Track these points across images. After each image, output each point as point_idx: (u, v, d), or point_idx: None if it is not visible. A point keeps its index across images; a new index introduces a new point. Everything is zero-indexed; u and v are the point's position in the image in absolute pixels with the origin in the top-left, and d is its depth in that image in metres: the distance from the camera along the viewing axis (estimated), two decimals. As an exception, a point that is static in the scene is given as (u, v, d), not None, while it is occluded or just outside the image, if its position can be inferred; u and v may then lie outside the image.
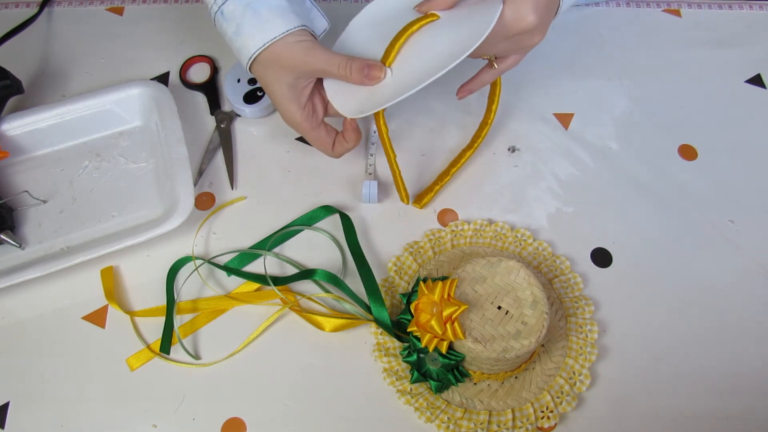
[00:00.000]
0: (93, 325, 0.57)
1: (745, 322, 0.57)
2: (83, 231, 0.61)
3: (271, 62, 0.52)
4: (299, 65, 0.52)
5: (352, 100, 0.54)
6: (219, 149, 0.66)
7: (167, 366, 0.55)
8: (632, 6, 0.77)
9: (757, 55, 0.73)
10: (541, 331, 0.49)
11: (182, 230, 0.59)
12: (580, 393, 0.53)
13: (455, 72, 0.50)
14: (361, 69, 0.51)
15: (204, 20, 0.75)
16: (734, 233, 0.62)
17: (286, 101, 0.54)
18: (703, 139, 0.67)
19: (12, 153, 0.63)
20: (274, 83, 0.53)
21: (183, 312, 0.57)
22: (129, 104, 0.65)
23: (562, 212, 0.63)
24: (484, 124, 0.64)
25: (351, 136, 0.56)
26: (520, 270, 0.51)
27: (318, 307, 0.58)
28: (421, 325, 0.49)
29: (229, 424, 0.53)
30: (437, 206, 0.63)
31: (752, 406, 0.54)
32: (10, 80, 0.62)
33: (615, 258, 0.60)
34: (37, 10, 0.75)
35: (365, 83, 0.52)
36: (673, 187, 0.64)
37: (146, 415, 0.53)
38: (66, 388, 0.54)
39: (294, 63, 0.51)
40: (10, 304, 0.57)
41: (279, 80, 0.53)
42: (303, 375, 0.55)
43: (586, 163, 0.65)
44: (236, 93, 0.67)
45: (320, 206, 0.62)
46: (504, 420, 0.52)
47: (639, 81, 0.71)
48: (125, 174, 0.64)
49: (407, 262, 0.59)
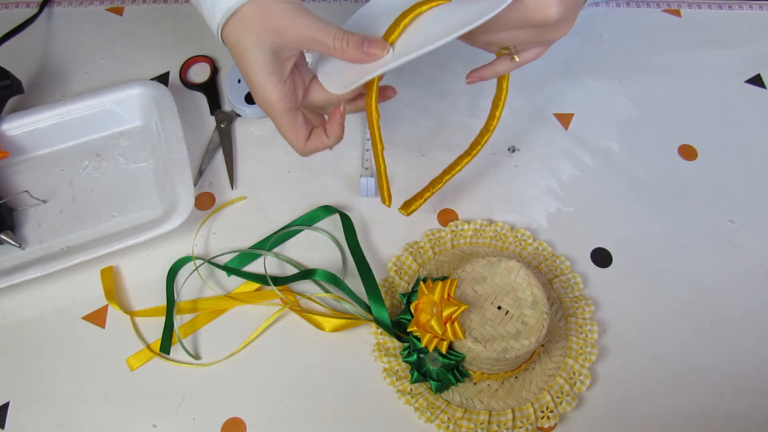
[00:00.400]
0: (93, 325, 0.57)
1: (745, 322, 0.57)
2: (83, 231, 0.61)
3: (255, 20, 0.43)
4: (288, 28, 0.43)
5: (342, 81, 0.47)
6: (219, 149, 0.66)
7: (167, 366, 0.55)
8: (632, 6, 0.77)
9: (757, 55, 0.73)
10: (541, 331, 0.49)
11: (182, 230, 0.59)
12: (580, 393, 0.53)
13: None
14: (359, 44, 0.44)
15: (204, 20, 0.75)
16: (734, 233, 0.62)
17: (265, 73, 0.45)
18: (703, 139, 0.67)
19: (12, 153, 0.63)
20: (253, 48, 0.44)
21: (183, 312, 0.57)
22: (129, 104, 0.65)
23: (562, 212, 0.63)
24: (486, 131, 0.58)
25: (335, 130, 0.48)
26: (520, 270, 0.51)
27: (318, 307, 0.58)
28: (421, 325, 0.49)
29: (229, 424, 0.53)
30: (437, 206, 0.63)
31: (752, 406, 0.54)
32: (10, 80, 0.62)
33: (615, 258, 0.60)
34: (37, 10, 0.75)
35: (363, 60, 0.45)
36: (673, 187, 0.64)
37: (146, 415, 0.53)
38: (66, 388, 0.54)
39: (282, 24, 0.43)
40: (10, 304, 0.57)
41: (260, 45, 0.44)
42: (303, 375, 0.55)
43: (586, 163, 0.65)
44: (237, 93, 0.67)
45: (320, 206, 0.62)
46: (504, 420, 0.52)
47: (639, 81, 0.71)
48: (125, 174, 0.64)
49: (407, 262, 0.59)
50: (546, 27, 0.45)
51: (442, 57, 0.71)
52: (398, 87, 0.70)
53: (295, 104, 0.48)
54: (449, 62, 0.71)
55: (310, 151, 0.50)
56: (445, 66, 0.71)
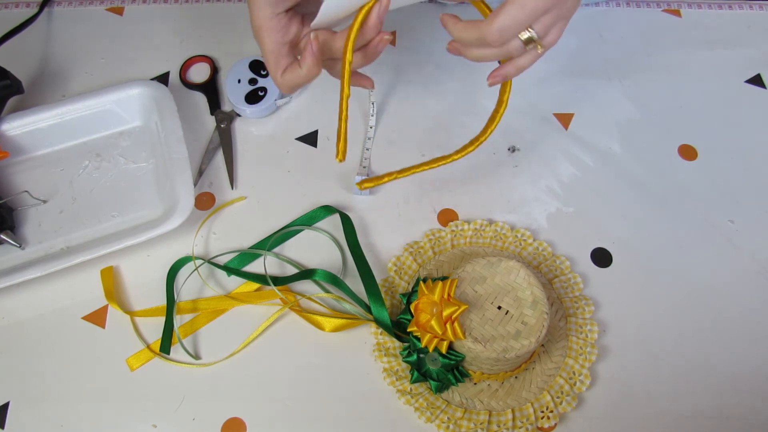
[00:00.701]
0: (93, 325, 0.57)
1: (745, 322, 0.57)
2: (83, 231, 0.61)
3: None
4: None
5: (325, 15, 0.47)
6: (219, 149, 0.66)
7: (167, 366, 0.55)
8: (632, 6, 0.77)
9: (757, 55, 0.73)
10: (541, 331, 0.49)
11: (182, 230, 0.59)
12: (580, 393, 0.53)
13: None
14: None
15: (204, 20, 0.75)
16: (734, 233, 0.62)
17: (265, 1, 0.47)
18: (703, 139, 0.67)
19: (12, 153, 0.63)
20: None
21: (183, 312, 0.57)
22: (129, 104, 0.65)
23: (562, 212, 0.63)
24: (474, 141, 0.56)
25: (306, 59, 0.48)
26: (520, 270, 0.51)
27: (318, 307, 0.58)
28: (421, 325, 0.49)
29: (229, 424, 0.53)
30: (437, 206, 0.63)
31: (752, 406, 0.54)
32: (10, 80, 0.62)
33: (615, 258, 0.60)
34: (37, 10, 0.75)
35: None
36: (673, 187, 0.64)
37: (146, 415, 0.53)
38: (66, 388, 0.54)
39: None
40: (10, 304, 0.57)
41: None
42: (303, 375, 0.55)
43: (586, 163, 0.65)
44: (237, 93, 0.67)
45: (320, 206, 0.62)
46: (504, 420, 0.52)
47: (639, 81, 0.71)
48: (125, 174, 0.64)
49: (407, 262, 0.59)
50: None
51: (442, 57, 0.71)
52: (398, 87, 0.70)
53: (283, 39, 0.49)
54: (449, 62, 0.71)
55: (286, 83, 0.50)
56: (444, 66, 0.71)
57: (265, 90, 0.67)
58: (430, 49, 0.72)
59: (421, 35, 0.74)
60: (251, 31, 0.49)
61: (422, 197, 0.63)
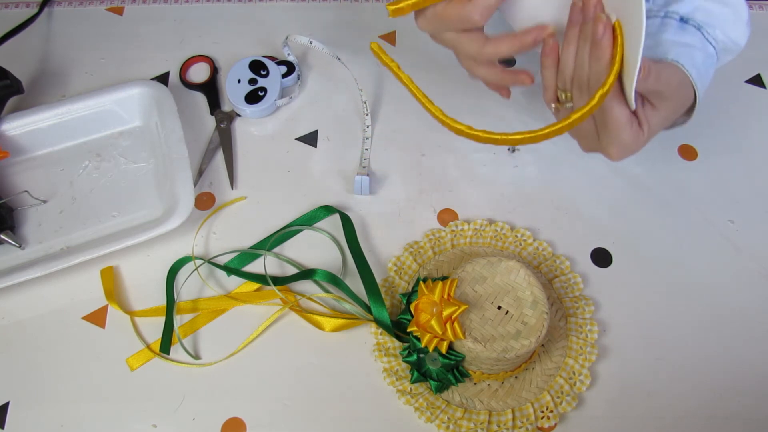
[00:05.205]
0: (93, 325, 0.57)
1: (745, 321, 0.57)
2: (83, 231, 0.61)
3: None
4: None
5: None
6: (219, 149, 0.66)
7: (167, 366, 0.55)
8: (632, 6, 0.76)
9: (757, 55, 0.73)
10: (541, 331, 0.49)
11: (182, 230, 0.59)
12: (580, 393, 0.53)
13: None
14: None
15: (204, 20, 0.75)
16: (734, 233, 0.62)
17: None
18: (703, 139, 0.67)
19: (12, 153, 0.63)
20: None
21: (183, 312, 0.57)
22: (129, 104, 0.65)
23: (562, 212, 0.63)
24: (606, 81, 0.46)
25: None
26: (520, 270, 0.51)
27: (318, 307, 0.58)
28: (421, 325, 0.49)
29: (229, 424, 0.53)
30: (437, 206, 0.63)
31: (752, 406, 0.54)
32: (10, 80, 0.62)
33: (615, 258, 0.60)
34: (37, 10, 0.75)
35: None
36: (673, 187, 0.64)
37: (146, 415, 0.53)
38: (66, 388, 0.54)
39: None
40: (10, 304, 0.57)
41: None
42: (303, 375, 0.55)
43: (586, 162, 0.65)
44: (237, 93, 0.67)
45: (320, 206, 0.62)
46: (504, 420, 0.52)
47: (639, 81, 0.71)
48: (125, 174, 0.64)
49: (407, 262, 0.59)
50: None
51: (442, 57, 0.71)
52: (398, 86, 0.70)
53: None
54: (449, 62, 0.71)
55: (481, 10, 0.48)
56: (445, 67, 0.71)
57: (265, 90, 0.67)
58: (432, 49, 0.72)
59: (423, 35, 0.74)
60: None
61: (422, 197, 0.63)
